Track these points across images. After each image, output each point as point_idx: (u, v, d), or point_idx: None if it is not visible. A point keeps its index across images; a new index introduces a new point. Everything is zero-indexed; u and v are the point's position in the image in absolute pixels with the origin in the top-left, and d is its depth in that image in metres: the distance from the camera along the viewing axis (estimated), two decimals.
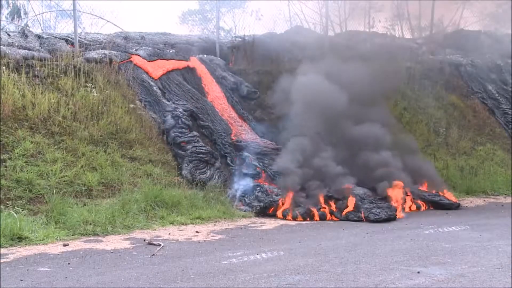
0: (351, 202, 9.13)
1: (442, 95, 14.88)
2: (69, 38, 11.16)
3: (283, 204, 9.14)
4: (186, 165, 9.69)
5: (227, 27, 18.22)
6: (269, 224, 8.51)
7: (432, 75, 15.18)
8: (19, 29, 12.01)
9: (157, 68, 10.84)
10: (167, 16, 31.30)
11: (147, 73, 10.75)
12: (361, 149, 10.36)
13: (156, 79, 10.73)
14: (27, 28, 12.13)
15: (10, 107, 8.61)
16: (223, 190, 9.55)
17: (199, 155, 9.86)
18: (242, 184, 9.69)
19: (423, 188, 10.70)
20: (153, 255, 6.32)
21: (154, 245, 6.77)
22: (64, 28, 17.97)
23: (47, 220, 7.25)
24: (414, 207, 10.07)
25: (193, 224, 8.18)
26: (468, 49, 16.44)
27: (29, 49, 10.03)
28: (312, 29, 16.07)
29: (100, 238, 7.08)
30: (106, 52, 10.62)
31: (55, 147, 8.60)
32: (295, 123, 10.52)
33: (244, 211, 9.12)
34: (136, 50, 11.26)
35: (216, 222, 8.43)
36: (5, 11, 14.09)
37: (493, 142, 14.41)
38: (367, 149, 10.35)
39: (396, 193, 9.75)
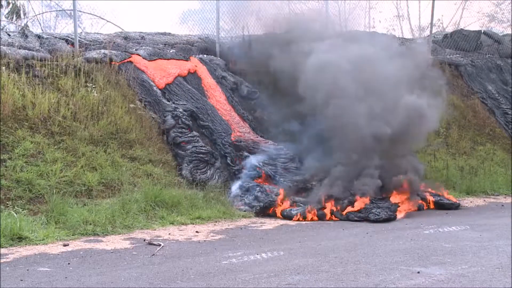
0: (359, 203, 9.11)
1: (442, 95, 14.86)
2: (69, 38, 11.13)
3: (282, 203, 9.15)
4: (186, 165, 9.69)
5: (227, 27, 18.17)
6: (269, 224, 8.51)
7: (432, 75, 15.15)
8: (19, 29, 12.01)
9: (163, 82, 10.76)
10: (167, 16, 31.31)
11: (152, 81, 10.70)
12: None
13: (161, 88, 10.67)
14: (27, 28, 12.13)
15: (10, 107, 8.61)
16: (223, 190, 9.55)
17: (199, 155, 9.86)
18: (242, 184, 9.68)
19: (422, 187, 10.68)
20: (153, 255, 6.32)
21: (154, 245, 6.77)
22: (64, 28, 18.05)
23: (47, 220, 7.26)
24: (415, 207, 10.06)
25: (193, 224, 8.18)
26: (468, 49, 16.43)
27: (29, 49, 10.02)
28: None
29: (100, 238, 7.09)
30: (106, 52, 10.61)
31: (55, 147, 8.60)
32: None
33: (244, 211, 9.11)
34: (136, 50, 11.26)
35: (216, 222, 8.43)
36: (5, 11, 14.11)
37: (493, 142, 14.39)
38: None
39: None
